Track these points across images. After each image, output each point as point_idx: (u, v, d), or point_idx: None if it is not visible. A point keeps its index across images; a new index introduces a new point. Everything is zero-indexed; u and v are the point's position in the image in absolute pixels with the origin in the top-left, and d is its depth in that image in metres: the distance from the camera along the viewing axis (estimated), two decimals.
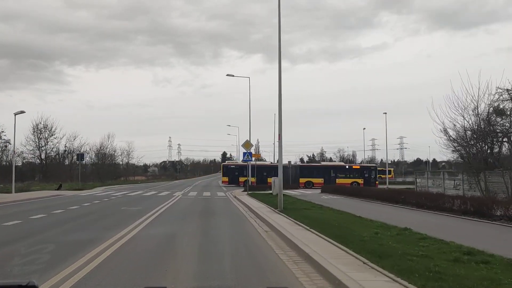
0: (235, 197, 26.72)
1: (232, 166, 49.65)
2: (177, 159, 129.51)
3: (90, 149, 69.20)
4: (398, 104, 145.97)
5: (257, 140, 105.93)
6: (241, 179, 44.09)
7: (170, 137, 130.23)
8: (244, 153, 29.32)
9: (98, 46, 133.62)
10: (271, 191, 29.27)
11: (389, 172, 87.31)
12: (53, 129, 59.03)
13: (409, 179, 74.61)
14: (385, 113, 48.70)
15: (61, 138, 60.12)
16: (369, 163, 76.03)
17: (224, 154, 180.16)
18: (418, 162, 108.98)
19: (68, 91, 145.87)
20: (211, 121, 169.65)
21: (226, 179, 48.29)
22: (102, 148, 72.12)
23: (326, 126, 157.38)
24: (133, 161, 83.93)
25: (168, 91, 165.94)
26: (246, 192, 28.83)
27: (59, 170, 61.61)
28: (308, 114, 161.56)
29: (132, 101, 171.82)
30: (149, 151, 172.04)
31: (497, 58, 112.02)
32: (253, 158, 34.71)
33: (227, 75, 38.82)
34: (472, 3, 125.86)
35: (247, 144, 29.27)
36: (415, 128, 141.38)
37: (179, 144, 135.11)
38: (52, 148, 60.50)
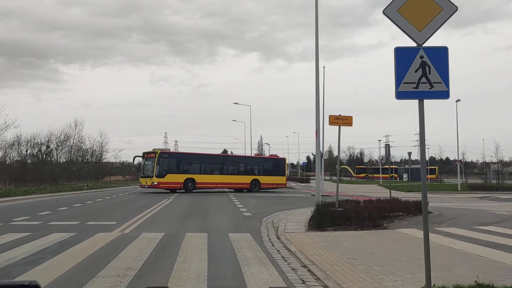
0: None
1: None
2: None
3: (48, 140, 49.89)
4: (400, 103, 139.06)
5: (260, 136, 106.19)
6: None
7: (166, 133, 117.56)
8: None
9: (93, 44, 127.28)
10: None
11: (433, 171, 67.84)
12: None
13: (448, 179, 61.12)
14: (459, 100, 40.71)
15: None
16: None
17: (224, 152, 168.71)
18: (431, 160, 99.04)
19: (64, 90, 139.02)
20: (210, 120, 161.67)
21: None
22: (64, 138, 52.33)
23: (325, 125, 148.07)
24: (109, 155, 63.66)
25: (166, 90, 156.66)
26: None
27: None
28: (307, 113, 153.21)
29: (129, 100, 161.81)
30: (147, 148, 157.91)
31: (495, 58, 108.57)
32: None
33: None
34: (468, 1, 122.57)
35: None
36: (412, 127, 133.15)
37: (176, 141, 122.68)
38: None
